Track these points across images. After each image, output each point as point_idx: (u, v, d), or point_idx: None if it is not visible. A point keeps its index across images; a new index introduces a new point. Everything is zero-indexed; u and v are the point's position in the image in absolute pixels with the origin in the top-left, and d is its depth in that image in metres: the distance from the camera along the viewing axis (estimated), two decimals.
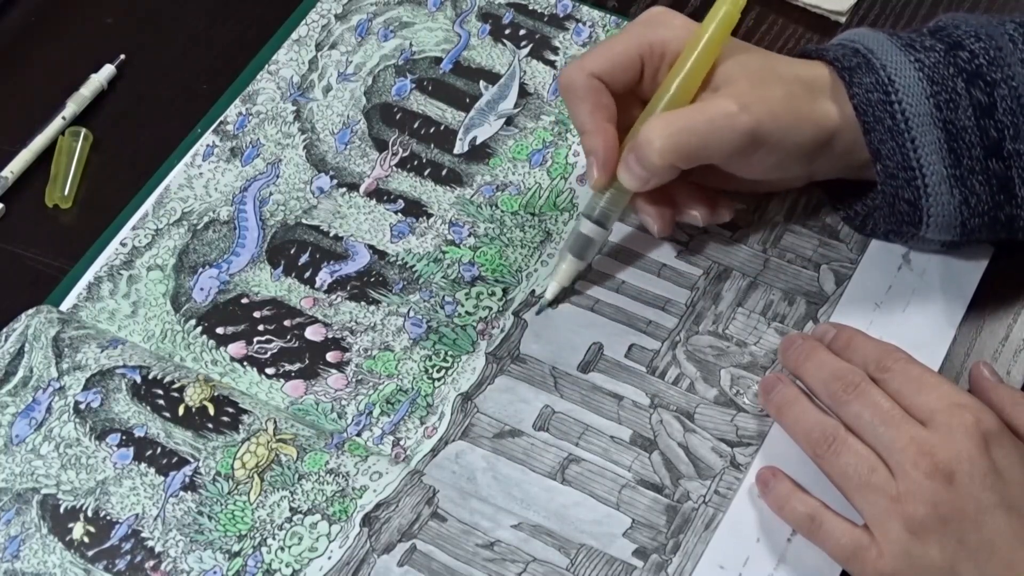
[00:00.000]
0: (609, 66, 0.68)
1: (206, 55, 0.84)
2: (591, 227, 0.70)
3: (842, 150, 0.67)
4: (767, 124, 0.65)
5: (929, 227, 0.66)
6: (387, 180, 0.78)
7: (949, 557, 0.59)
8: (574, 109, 0.69)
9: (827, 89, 0.67)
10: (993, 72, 0.65)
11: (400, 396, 0.70)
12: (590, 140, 0.68)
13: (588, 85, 0.68)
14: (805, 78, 0.67)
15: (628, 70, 0.69)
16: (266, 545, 0.66)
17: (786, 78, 0.67)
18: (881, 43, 0.66)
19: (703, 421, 0.68)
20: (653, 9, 0.70)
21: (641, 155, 0.66)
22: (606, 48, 0.69)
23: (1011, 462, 0.61)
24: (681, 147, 0.65)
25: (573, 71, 0.68)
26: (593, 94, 0.68)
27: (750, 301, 0.71)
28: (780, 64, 0.68)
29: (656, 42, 0.68)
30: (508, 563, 0.64)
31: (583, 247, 0.71)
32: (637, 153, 0.66)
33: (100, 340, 0.72)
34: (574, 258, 0.71)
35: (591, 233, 0.70)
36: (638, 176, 0.67)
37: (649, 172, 0.67)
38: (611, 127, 0.68)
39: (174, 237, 0.76)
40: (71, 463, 0.69)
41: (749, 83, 0.66)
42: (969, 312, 0.70)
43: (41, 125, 0.80)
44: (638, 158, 0.66)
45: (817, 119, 0.66)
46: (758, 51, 0.70)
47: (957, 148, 0.64)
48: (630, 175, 0.67)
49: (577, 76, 0.68)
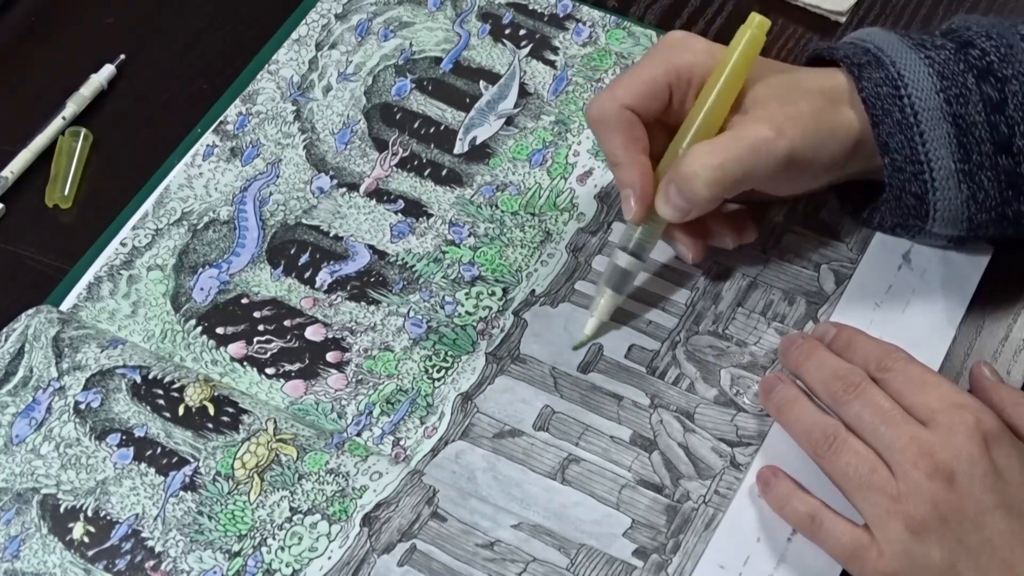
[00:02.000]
0: (640, 95, 0.67)
1: (206, 55, 0.84)
2: (628, 259, 0.69)
3: (867, 154, 0.67)
4: (800, 144, 0.65)
5: (936, 221, 0.66)
6: (387, 180, 0.78)
7: (949, 557, 0.59)
8: (607, 142, 0.68)
9: (846, 97, 0.66)
10: (1004, 69, 0.65)
11: (400, 396, 0.70)
12: (626, 173, 0.67)
13: (621, 117, 0.67)
14: (826, 89, 0.67)
15: (658, 98, 0.68)
16: (266, 545, 0.66)
17: (809, 92, 0.66)
18: (891, 41, 0.66)
19: (703, 421, 0.68)
20: (674, 34, 0.69)
21: (685, 188, 0.65)
22: (635, 76, 0.68)
23: (1011, 462, 0.61)
24: (726, 178, 0.65)
25: (605, 103, 0.67)
26: (627, 126, 0.67)
27: (750, 301, 0.71)
28: (803, 78, 0.68)
29: (683, 68, 0.67)
30: (508, 563, 0.64)
31: (621, 280, 0.70)
32: (680, 186, 0.66)
33: (100, 340, 0.72)
34: (612, 292, 0.70)
35: (628, 266, 0.69)
36: (680, 208, 0.66)
37: (692, 204, 0.66)
38: (646, 159, 0.67)
39: (174, 237, 0.76)
40: (71, 463, 0.69)
41: (778, 103, 0.66)
42: (969, 312, 0.70)
43: (41, 125, 0.80)
44: (681, 191, 0.66)
45: (843, 130, 0.66)
46: (779, 66, 0.69)
47: (967, 143, 0.64)
48: (671, 207, 0.67)
49: (610, 107, 0.67)
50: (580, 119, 0.78)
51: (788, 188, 0.68)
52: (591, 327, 0.70)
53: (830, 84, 0.67)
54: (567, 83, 0.80)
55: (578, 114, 0.79)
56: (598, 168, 0.77)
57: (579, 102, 0.79)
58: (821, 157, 0.66)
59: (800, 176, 0.67)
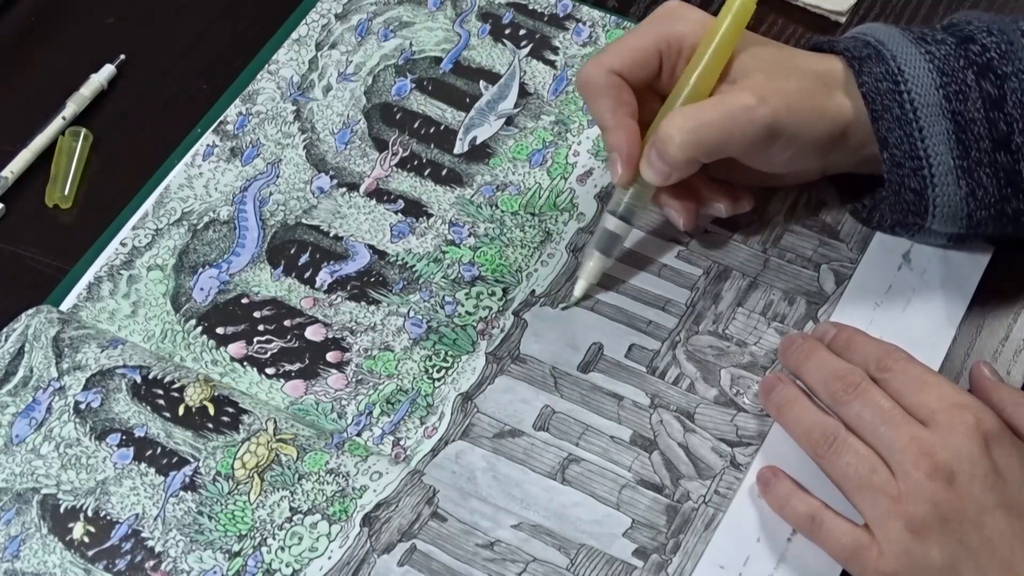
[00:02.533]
0: (629, 62, 0.68)
1: (206, 55, 0.84)
2: (616, 223, 0.70)
3: (856, 144, 0.67)
4: (784, 116, 0.66)
5: (935, 218, 0.67)
6: (387, 180, 0.78)
7: (949, 557, 0.59)
8: (595, 106, 0.69)
9: (841, 83, 0.67)
10: (1004, 66, 0.65)
11: (400, 396, 0.70)
12: (613, 136, 0.68)
13: (608, 82, 0.68)
14: (819, 71, 0.67)
15: (647, 65, 0.69)
16: (266, 545, 0.66)
17: (801, 71, 0.67)
18: (892, 36, 0.67)
19: (703, 421, 0.68)
20: (668, 3, 0.70)
21: (662, 150, 0.66)
22: (624, 44, 0.69)
23: (1011, 462, 0.61)
24: (701, 141, 0.66)
25: (592, 68, 0.68)
26: (614, 90, 0.68)
27: (750, 301, 0.71)
28: (795, 57, 0.68)
29: (673, 36, 0.68)
30: (508, 563, 0.64)
31: (609, 243, 0.71)
32: (658, 148, 0.67)
33: (100, 340, 0.72)
34: (601, 255, 0.71)
35: (617, 229, 0.70)
36: (660, 171, 0.67)
37: (670, 167, 0.67)
38: (633, 123, 0.68)
39: (174, 237, 0.76)
40: (71, 463, 0.69)
41: (765, 76, 0.66)
42: (969, 312, 0.70)
43: (41, 125, 0.80)
44: (659, 153, 0.67)
45: (832, 112, 0.66)
46: (772, 44, 0.70)
47: (965, 139, 0.65)
48: (652, 170, 0.68)
49: (597, 73, 0.68)
50: (580, 119, 0.79)
51: (772, 164, 0.69)
52: (580, 289, 0.71)
53: (825, 67, 0.67)
54: (567, 83, 0.80)
55: (578, 114, 0.79)
56: (598, 168, 0.77)
57: (579, 102, 0.79)
58: (804, 135, 0.67)
59: (782, 152, 0.67)
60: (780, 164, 0.69)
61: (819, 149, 0.68)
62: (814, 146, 0.67)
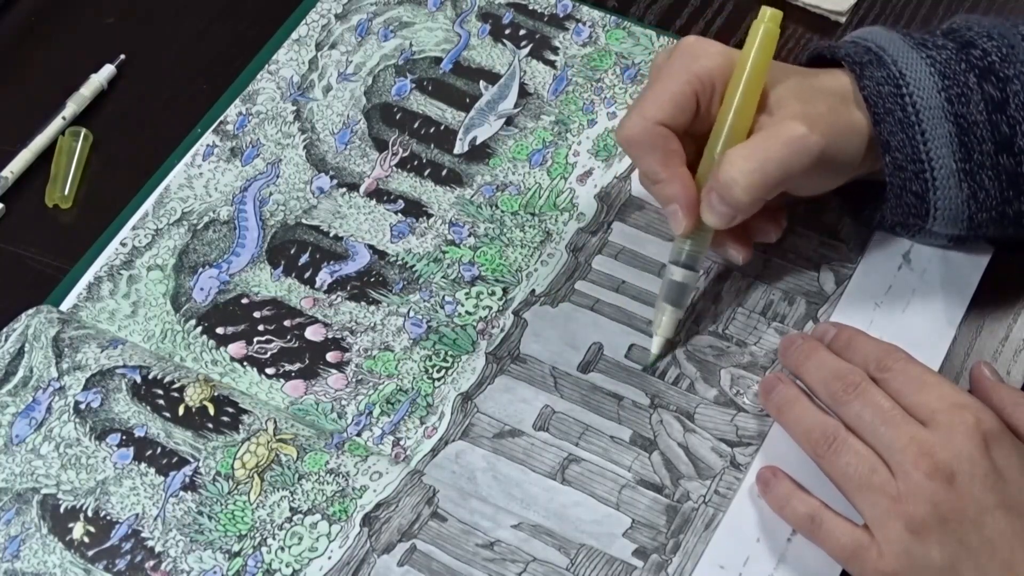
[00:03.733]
0: (671, 110, 0.66)
1: (206, 55, 0.84)
2: (682, 273, 0.68)
3: (877, 153, 0.67)
4: (831, 140, 0.65)
5: (936, 220, 0.66)
6: (387, 180, 0.78)
7: (949, 557, 0.59)
8: (644, 162, 0.67)
9: (853, 98, 0.66)
10: (1006, 68, 0.65)
11: (400, 396, 0.70)
12: (669, 189, 0.67)
13: (656, 134, 0.66)
14: (836, 89, 0.67)
15: (687, 110, 0.67)
16: (266, 545, 0.66)
17: (824, 92, 0.66)
18: (893, 40, 0.67)
19: (703, 421, 0.68)
20: (687, 40, 0.68)
21: (726, 195, 0.65)
22: (661, 92, 0.67)
23: (1011, 462, 0.61)
24: (766, 180, 0.64)
25: (636, 123, 0.66)
26: (661, 142, 0.66)
27: (750, 301, 0.71)
28: (813, 79, 0.67)
29: (703, 74, 0.66)
30: (508, 563, 0.64)
31: (679, 295, 0.69)
32: (721, 193, 0.65)
33: (100, 340, 0.72)
34: (673, 308, 0.69)
35: (684, 279, 0.69)
36: (724, 215, 0.66)
37: (735, 210, 0.65)
38: (687, 172, 0.67)
39: (174, 237, 0.76)
40: (71, 463, 0.69)
41: (800, 103, 0.66)
42: (969, 312, 0.70)
43: (41, 125, 0.80)
44: (722, 197, 0.65)
45: (857, 128, 0.66)
46: (789, 67, 0.69)
47: (968, 142, 0.64)
48: (716, 215, 0.66)
49: (642, 127, 0.66)
50: (580, 119, 0.79)
51: (814, 187, 0.68)
52: (657, 346, 0.70)
53: (839, 84, 0.67)
54: (567, 83, 0.80)
55: (578, 114, 0.79)
56: (598, 168, 0.77)
57: (579, 102, 0.79)
58: (843, 156, 0.66)
59: (827, 173, 0.67)
60: (816, 187, 0.68)
61: (852, 167, 0.67)
62: (851, 163, 0.67)
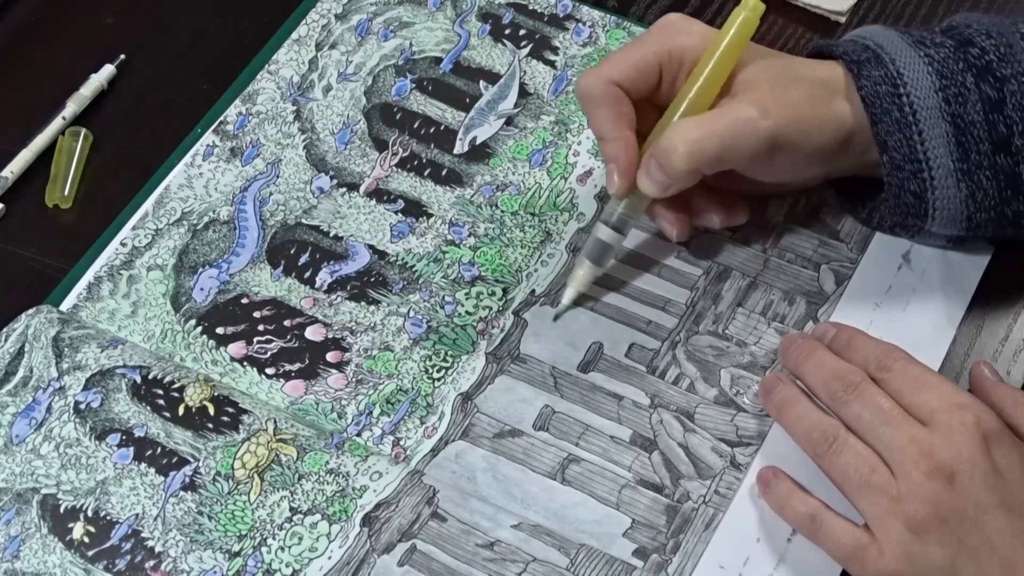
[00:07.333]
0: (629, 73, 0.68)
1: (206, 55, 0.84)
2: (609, 233, 0.70)
3: (859, 149, 0.67)
4: (787, 128, 0.65)
5: (935, 220, 0.66)
6: (387, 180, 0.78)
7: (949, 557, 0.59)
8: (593, 116, 0.69)
9: (842, 88, 0.67)
10: (1003, 68, 0.65)
11: (400, 396, 0.70)
12: (611, 147, 0.68)
13: (608, 92, 0.68)
14: (822, 78, 0.67)
15: (647, 77, 0.68)
16: (266, 545, 0.66)
17: (804, 80, 0.67)
18: (891, 39, 0.67)
19: (703, 421, 0.68)
20: (671, 16, 0.70)
21: (664, 161, 0.66)
22: (625, 55, 0.68)
23: (1011, 462, 0.61)
24: (703, 153, 0.65)
25: (592, 78, 0.68)
26: (613, 101, 0.68)
27: (750, 301, 0.71)
28: (800, 67, 0.68)
29: (675, 49, 0.68)
30: (508, 563, 0.64)
31: (600, 253, 0.71)
32: (659, 159, 0.66)
33: (100, 340, 0.72)
34: (591, 264, 0.71)
35: (609, 239, 0.70)
36: (659, 183, 0.67)
37: (671, 178, 0.67)
38: (632, 134, 0.68)
39: (174, 237, 0.76)
40: (71, 463, 0.69)
41: (770, 87, 0.66)
42: (969, 312, 0.70)
43: (41, 125, 0.80)
44: (660, 165, 0.66)
45: (835, 120, 0.66)
46: (777, 55, 0.70)
47: (965, 142, 0.64)
48: (652, 182, 0.67)
49: (596, 83, 0.68)
50: (580, 119, 0.79)
51: (774, 174, 0.68)
52: (568, 296, 0.71)
53: (827, 75, 0.67)
54: (567, 83, 0.80)
55: (578, 114, 0.79)
56: (598, 168, 0.77)
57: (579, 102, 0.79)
58: (807, 145, 0.66)
59: (785, 162, 0.67)
60: (782, 174, 0.68)
61: (823, 158, 0.68)
62: (818, 155, 0.67)
